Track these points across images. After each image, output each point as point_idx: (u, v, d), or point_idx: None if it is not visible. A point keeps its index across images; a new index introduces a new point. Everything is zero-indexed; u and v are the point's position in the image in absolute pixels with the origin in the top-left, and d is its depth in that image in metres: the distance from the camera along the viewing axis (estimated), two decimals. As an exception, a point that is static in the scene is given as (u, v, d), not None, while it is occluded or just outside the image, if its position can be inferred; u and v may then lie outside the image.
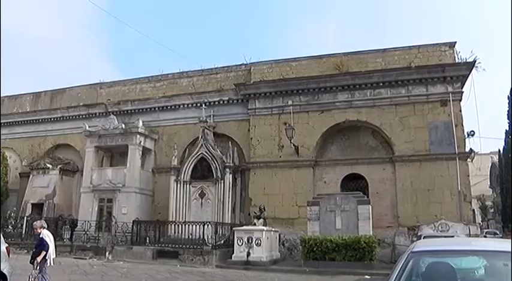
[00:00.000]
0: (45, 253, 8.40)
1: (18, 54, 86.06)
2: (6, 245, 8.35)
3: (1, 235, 8.56)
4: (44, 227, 8.91)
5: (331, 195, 16.09)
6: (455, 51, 18.06)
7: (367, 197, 16.51)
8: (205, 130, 19.76)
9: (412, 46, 18.58)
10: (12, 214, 21.59)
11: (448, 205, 16.46)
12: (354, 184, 18.61)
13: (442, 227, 14.98)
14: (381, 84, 18.18)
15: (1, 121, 26.55)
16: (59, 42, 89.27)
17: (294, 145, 18.49)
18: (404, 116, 17.82)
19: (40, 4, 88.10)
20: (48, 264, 8.78)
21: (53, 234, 19.16)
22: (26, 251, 17.82)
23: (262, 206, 17.11)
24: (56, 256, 9.18)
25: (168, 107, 22.09)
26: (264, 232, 15.65)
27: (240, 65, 21.45)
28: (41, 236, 8.60)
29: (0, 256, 7.93)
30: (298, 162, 18.76)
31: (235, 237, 15.91)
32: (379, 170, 18.22)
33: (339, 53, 19.46)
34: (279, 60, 20.41)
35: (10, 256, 8.38)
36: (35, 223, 9.36)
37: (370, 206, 15.34)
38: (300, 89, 19.24)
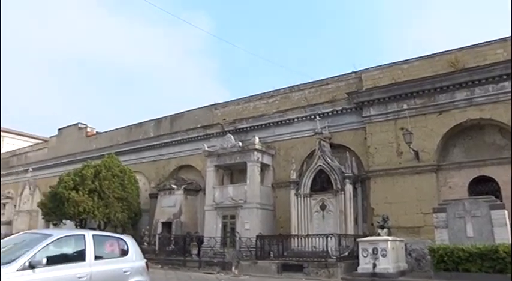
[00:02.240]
0: None
1: (141, 86, 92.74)
2: (145, 260, 8.97)
3: (141, 251, 9.24)
4: None
5: (458, 200, 15.02)
6: None
7: (501, 200, 15.22)
8: (321, 142, 19.66)
9: (538, 30, 16.87)
10: (146, 232, 23.23)
11: None
12: (483, 187, 17.22)
13: None
14: (505, 77, 16.68)
15: (103, 146, 29.01)
16: (174, 70, 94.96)
17: (413, 150, 17.71)
18: (537, 108, 16.18)
19: (151, 37, 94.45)
20: None
21: (182, 250, 20.51)
22: (160, 265, 19.10)
23: (386, 215, 16.50)
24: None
25: (283, 122, 22.35)
26: (389, 242, 15.06)
27: (350, 73, 21.13)
28: None
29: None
30: (419, 167, 17.89)
31: (359, 248, 15.46)
32: (512, 171, 16.71)
33: (453, 50, 18.26)
34: (389, 64, 19.74)
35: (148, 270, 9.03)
36: None
37: (506, 211, 14.07)
38: (414, 91, 18.42)
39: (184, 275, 17.14)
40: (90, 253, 7.66)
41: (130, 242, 8.81)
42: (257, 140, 21.74)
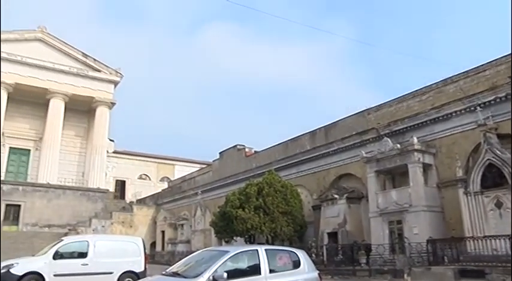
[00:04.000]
0: None
1: (292, 102, 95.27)
2: (318, 271, 9.12)
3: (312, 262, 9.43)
4: None
5: None
6: None
7: None
8: (487, 134, 17.93)
9: None
10: (313, 244, 23.52)
11: None
12: None
13: None
14: None
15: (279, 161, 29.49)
16: (322, 81, 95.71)
17: None
18: None
19: (295, 54, 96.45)
20: None
21: (350, 259, 20.43)
22: (329, 276, 19.12)
23: None
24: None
25: (440, 118, 20.98)
26: None
27: (511, 54, 19.08)
28: None
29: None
30: None
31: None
32: None
33: None
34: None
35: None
36: None
37: None
38: None
39: (355, 284, 16.98)
40: (264, 267, 8.12)
41: (302, 254, 9.05)
42: (415, 140, 20.73)
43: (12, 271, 14.55)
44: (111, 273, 15.73)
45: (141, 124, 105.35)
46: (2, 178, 41.65)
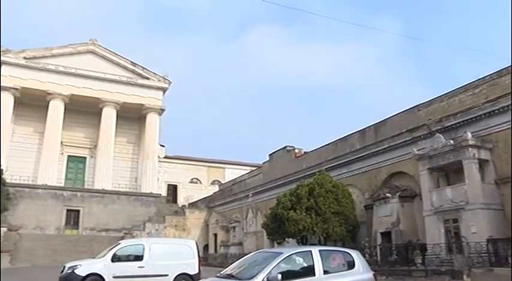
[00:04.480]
0: None
1: (340, 101, 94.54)
2: (373, 272, 9.04)
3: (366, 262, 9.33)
4: None
5: None
6: None
7: None
8: (548, 125, 17.21)
9: None
10: (366, 244, 23.17)
11: None
12: None
13: None
14: None
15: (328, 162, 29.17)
16: (370, 79, 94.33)
17: None
18: None
19: (342, 53, 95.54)
20: None
21: (404, 259, 20.00)
22: (384, 277, 18.79)
23: None
24: None
25: (495, 111, 20.08)
26: None
27: None
28: None
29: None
30: None
31: None
32: None
33: None
34: None
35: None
36: None
37: None
38: None
39: (412, 285, 16.60)
40: (318, 268, 8.09)
41: (356, 255, 8.96)
42: (469, 135, 19.95)
43: (76, 271, 15.61)
44: (166, 275, 16.17)
45: (191, 129, 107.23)
46: (62, 185, 43.72)
